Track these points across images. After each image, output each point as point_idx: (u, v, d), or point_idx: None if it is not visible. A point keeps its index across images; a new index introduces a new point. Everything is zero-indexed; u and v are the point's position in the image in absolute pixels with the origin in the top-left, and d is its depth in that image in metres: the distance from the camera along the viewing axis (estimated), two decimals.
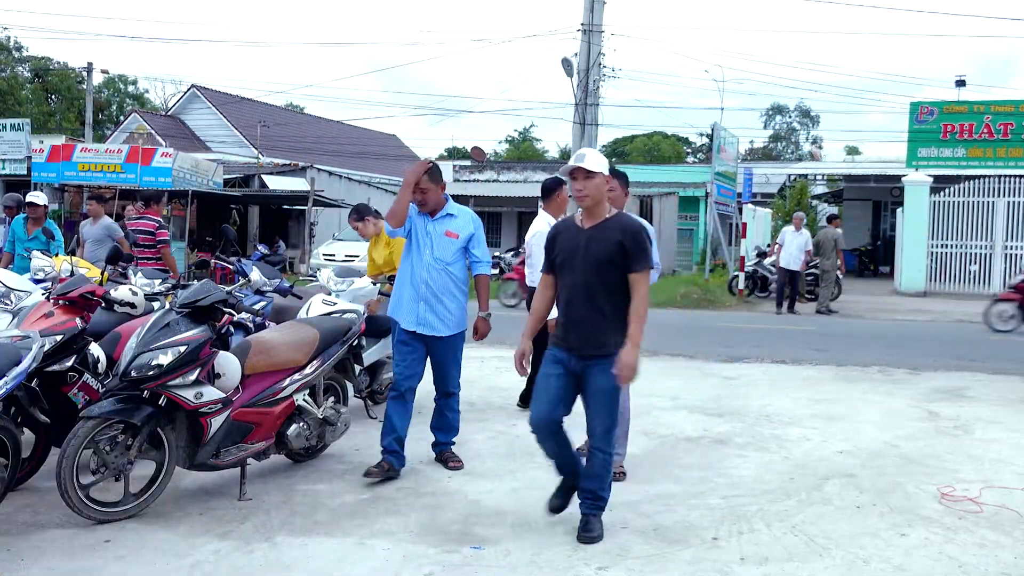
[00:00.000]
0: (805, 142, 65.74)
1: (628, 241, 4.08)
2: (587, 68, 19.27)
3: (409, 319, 5.18)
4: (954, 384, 8.57)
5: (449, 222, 5.25)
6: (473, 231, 5.31)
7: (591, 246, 4.12)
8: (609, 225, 4.17)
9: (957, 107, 23.08)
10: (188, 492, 4.83)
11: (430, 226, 5.18)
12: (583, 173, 4.12)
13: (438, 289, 5.15)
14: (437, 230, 5.19)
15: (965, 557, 4.04)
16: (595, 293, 4.10)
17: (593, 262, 4.10)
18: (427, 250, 5.15)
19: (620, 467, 5.04)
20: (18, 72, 47.31)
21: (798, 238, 15.33)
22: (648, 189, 27.91)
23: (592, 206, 4.18)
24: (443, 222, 5.23)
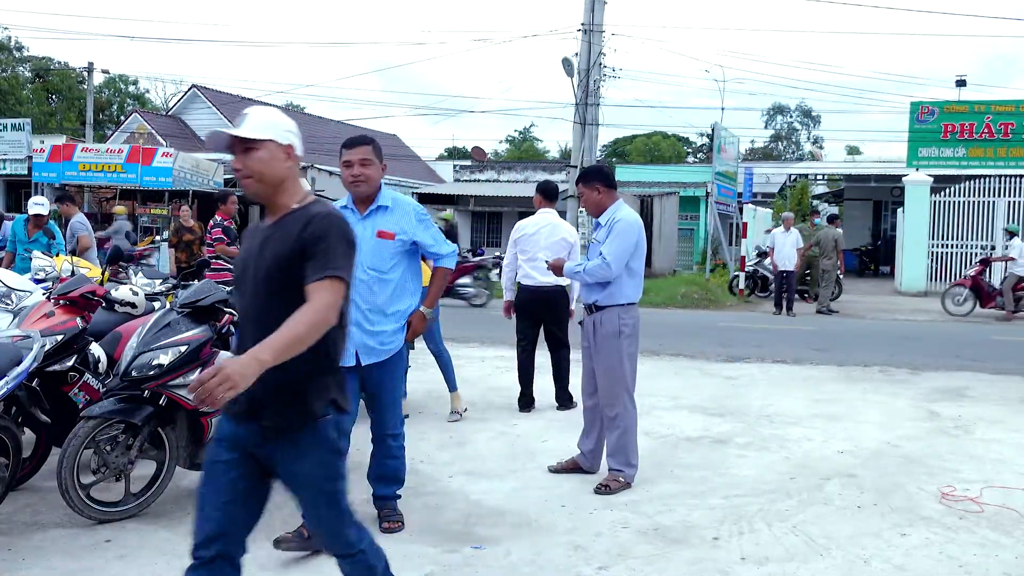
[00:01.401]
0: (806, 142, 65.73)
1: (309, 237, 2.63)
2: (587, 68, 19.27)
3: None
4: (955, 384, 8.56)
5: (381, 218, 4.16)
6: (418, 227, 4.25)
7: (265, 251, 2.70)
8: (295, 219, 2.70)
9: (958, 107, 23.07)
10: (189, 492, 4.82)
11: (358, 227, 3.89)
12: (240, 145, 2.70)
13: (373, 307, 4.12)
14: (367, 231, 4.07)
15: (966, 557, 4.04)
16: (270, 325, 2.50)
17: (263, 276, 2.67)
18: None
19: (620, 480, 5.01)
20: (19, 72, 47.31)
21: (789, 238, 15.30)
22: (648, 189, 27.91)
23: (265, 192, 2.73)
24: (373, 219, 4.15)
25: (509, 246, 7.04)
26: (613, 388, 5.07)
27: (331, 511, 2.77)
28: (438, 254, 4.40)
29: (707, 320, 14.62)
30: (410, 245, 4.24)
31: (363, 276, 4.05)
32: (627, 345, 5.07)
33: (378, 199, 4.18)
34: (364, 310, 4.11)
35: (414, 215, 4.26)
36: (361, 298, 4.07)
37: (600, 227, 5.12)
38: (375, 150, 4.12)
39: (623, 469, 5.03)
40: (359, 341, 4.11)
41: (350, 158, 4.09)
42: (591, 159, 20.84)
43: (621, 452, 5.05)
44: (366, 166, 4.09)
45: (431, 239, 4.31)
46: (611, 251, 4.93)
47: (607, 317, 5.04)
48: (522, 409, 7.03)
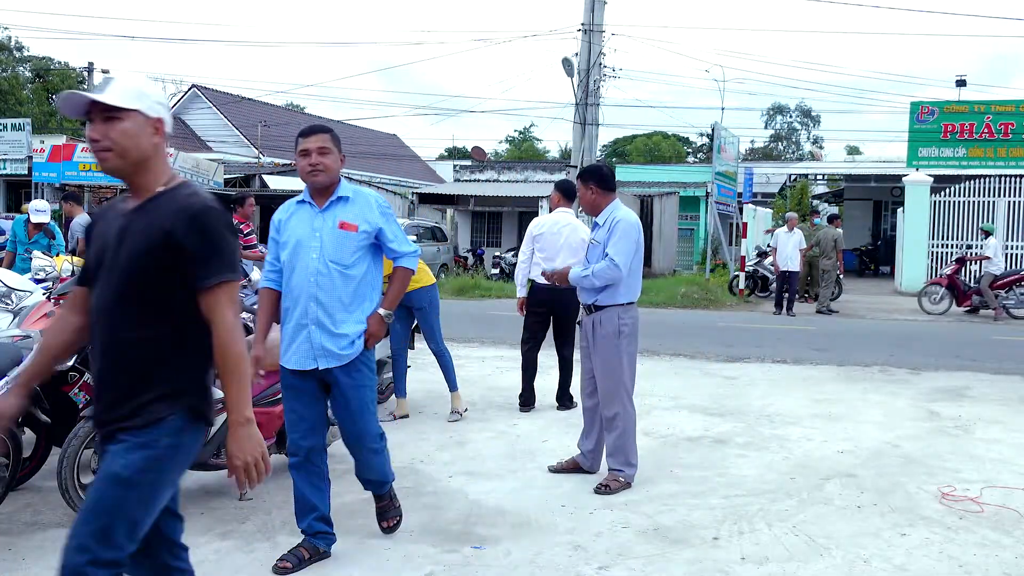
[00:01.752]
0: (806, 142, 65.75)
1: (187, 231, 2.35)
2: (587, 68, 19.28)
3: (296, 355, 3.81)
4: (955, 384, 8.56)
5: (342, 209, 3.86)
6: (381, 219, 3.92)
7: (124, 244, 2.40)
8: (161, 205, 2.41)
9: (958, 107, 23.07)
10: (189, 492, 4.83)
11: (317, 220, 3.83)
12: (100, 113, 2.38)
13: (334, 304, 3.79)
14: (327, 223, 3.82)
15: (966, 557, 4.04)
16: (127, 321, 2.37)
17: (124, 267, 2.39)
18: (314, 252, 3.78)
19: (620, 480, 5.01)
20: (19, 72, 47.28)
21: (792, 238, 15.29)
22: (648, 189, 27.91)
23: (125, 170, 2.43)
24: (334, 211, 3.85)
25: (526, 243, 7.00)
26: (612, 388, 5.06)
27: (108, 509, 2.34)
28: (398, 252, 3.98)
29: (707, 320, 14.62)
30: (374, 239, 3.91)
31: (323, 270, 3.76)
32: (626, 345, 5.06)
33: (337, 190, 3.88)
34: (327, 308, 3.78)
35: (376, 206, 3.92)
36: (324, 294, 3.77)
37: (599, 227, 5.12)
38: (334, 139, 3.86)
39: (623, 469, 5.03)
40: (318, 343, 3.77)
41: (307, 147, 3.80)
42: (591, 159, 20.83)
43: (620, 452, 5.05)
44: (324, 155, 3.80)
45: (395, 234, 3.97)
46: (617, 252, 4.92)
47: (606, 317, 5.04)
48: (523, 408, 7.04)
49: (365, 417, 3.90)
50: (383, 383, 7.07)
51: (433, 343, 6.75)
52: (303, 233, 3.82)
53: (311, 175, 3.80)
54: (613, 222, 5.03)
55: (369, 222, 3.87)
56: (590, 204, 5.16)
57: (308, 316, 3.78)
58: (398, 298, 4.07)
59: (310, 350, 3.78)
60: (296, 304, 3.81)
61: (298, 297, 3.80)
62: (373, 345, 3.92)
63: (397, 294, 4.06)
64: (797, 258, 15.24)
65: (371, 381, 3.94)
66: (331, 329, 3.78)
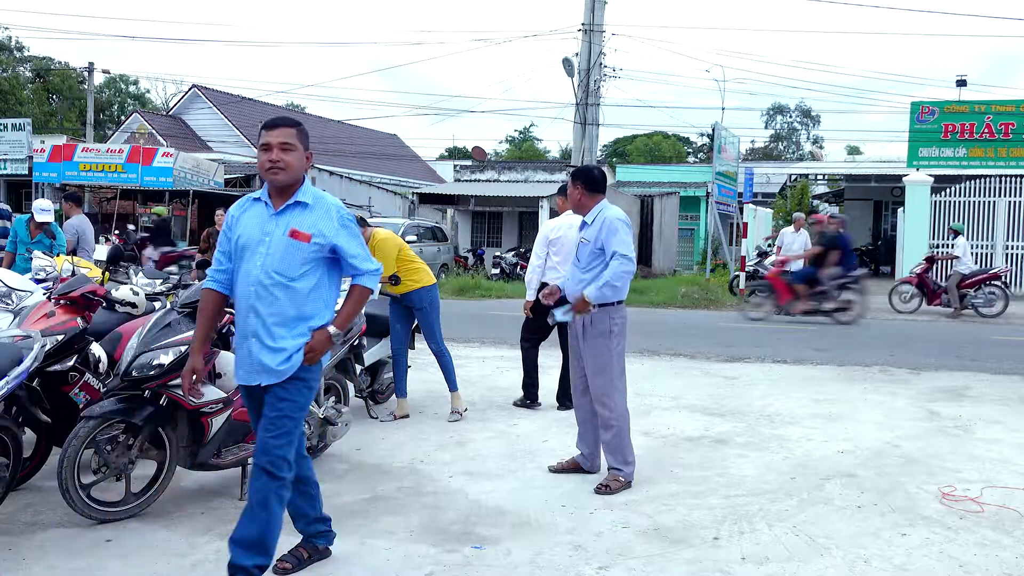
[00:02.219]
0: (806, 142, 65.76)
1: None
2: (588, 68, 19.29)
3: (243, 369, 3.57)
4: (955, 384, 8.56)
5: (298, 217, 3.53)
6: (339, 231, 3.57)
7: None
8: None
9: (958, 107, 23.07)
10: (189, 492, 4.83)
11: (270, 223, 3.52)
12: None
13: (276, 318, 3.47)
14: (278, 229, 3.50)
15: (966, 557, 4.04)
16: None
17: None
18: (259, 259, 3.48)
19: (620, 479, 5.01)
20: (19, 72, 47.32)
21: (798, 238, 15.29)
22: (649, 189, 27.91)
23: None
24: (288, 217, 3.52)
25: (540, 246, 6.98)
26: (605, 387, 5.07)
27: None
28: (357, 269, 3.63)
29: (707, 320, 14.61)
30: (328, 252, 3.56)
31: (266, 281, 3.46)
32: (616, 343, 5.08)
33: (297, 194, 3.55)
34: (266, 321, 3.48)
35: (336, 217, 3.57)
36: (265, 307, 3.47)
37: (587, 226, 5.12)
38: (300, 134, 3.56)
39: (622, 468, 5.03)
40: (256, 358, 3.49)
41: (268, 140, 3.49)
42: (591, 159, 20.84)
43: (618, 451, 5.05)
44: (287, 151, 3.49)
45: (353, 249, 3.60)
46: (621, 245, 4.92)
47: (597, 317, 5.03)
48: (532, 405, 7.06)
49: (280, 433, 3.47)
50: (383, 383, 7.08)
51: (433, 343, 6.75)
52: (252, 236, 3.53)
53: (270, 172, 3.50)
54: (604, 220, 5.02)
55: (324, 234, 3.53)
56: (575, 203, 5.21)
57: (248, 328, 3.51)
58: (351, 319, 3.67)
59: (251, 365, 3.51)
60: (239, 314, 3.57)
61: (240, 307, 3.55)
62: (314, 362, 3.53)
63: (350, 314, 3.65)
64: (801, 259, 15.15)
65: (303, 399, 3.54)
66: (268, 344, 3.47)
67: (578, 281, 5.07)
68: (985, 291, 15.57)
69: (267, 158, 3.49)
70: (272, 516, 3.45)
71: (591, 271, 5.03)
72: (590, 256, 5.04)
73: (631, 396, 7.47)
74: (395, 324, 6.71)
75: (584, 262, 5.08)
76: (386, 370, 7.05)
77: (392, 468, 5.37)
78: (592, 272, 5.02)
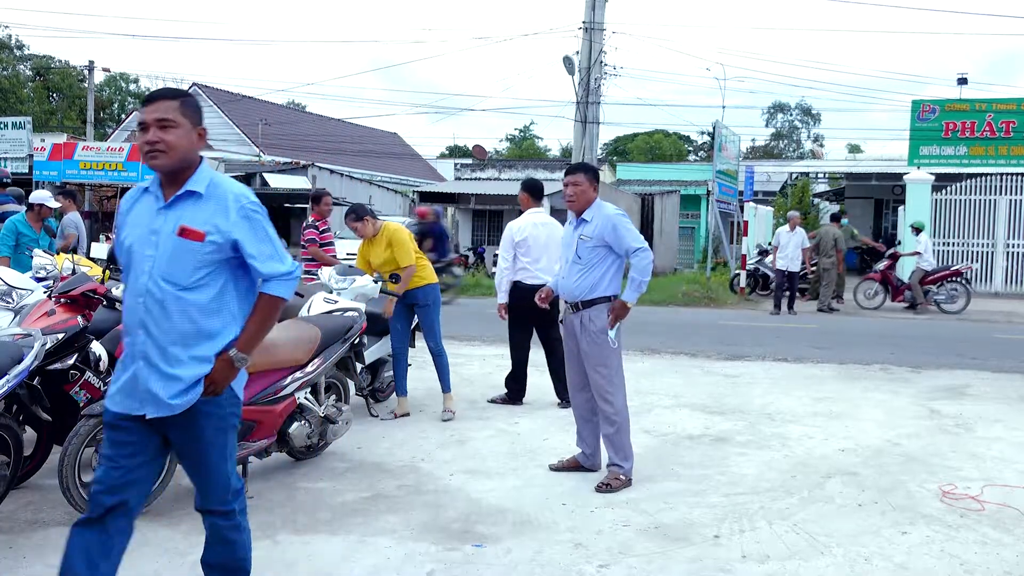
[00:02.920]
0: (807, 140, 65.73)
1: None
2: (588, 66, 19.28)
3: (121, 394, 2.91)
4: (956, 382, 8.56)
5: (190, 209, 2.88)
6: (240, 225, 2.89)
7: None
8: None
9: (959, 105, 23.04)
10: (190, 490, 4.80)
11: (158, 219, 2.88)
12: None
13: (167, 337, 2.84)
14: (167, 225, 2.86)
15: (967, 555, 4.04)
16: None
17: None
18: (147, 263, 2.85)
19: (621, 477, 5.02)
20: (20, 70, 47.31)
21: (794, 237, 15.20)
22: (649, 187, 27.90)
23: None
24: (179, 210, 2.88)
25: (506, 248, 7.01)
26: (606, 382, 5.08)
27: None
28: (263, 272, 2.92)
29: (708, 318, 14.62)
30: (230, 252, 2.89)
31: (154, 290, 2.83)
32: (618, 335, 5.10)
33: (189, 181, 2.88)
34: (158, 342, 2.85)
35: (236, 208, 2.88)
36: (155, 323, 2.84)
37: (586, 223, 5.10)
38: (184, 107, 2.88)
39: (623, 465, 5.04)
40: (144, 385, 2.86)
41: (144, 119, 2.85)
42: (592, 157, 20.83)
43: (620, 447, 5.06)
44: (166, 128, 2.83)
45: (260, 248, 2.90)
46: (636, 240, 4.99)
47: (595, 313, 5.05)
48: (517, 402, 7.11)
49: (218, 476, 2.99)
50: (384, 381, 7.08)
51: (432, 341, 6.75)
52: (139, 235, 2.90)
53: (148, 157, 2.86)
54: (607, 217, 5.04)
55: (220, 230, 2.85)
56: (581, 198, 5.13)
57: (136, 348, 2.88)
58: (256, 338, 2.99)
59: (135, 392, 2.87)
60: (126, 332, 2.93)
61: (128, 323, 2.91)
62: (217, 394, 2.90)
63: (255, 333, 2.98)
64: (798, 258, 15.14)
65: (221, 430, 2.97)
66: (162, 369, 2.85)
67: (577, 278, 5.08)
68: (947, 287, 15.97)
69: (144, 139, 2.85)
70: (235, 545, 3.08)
71: (594, 268, 5.05)
72: (592, 253, 5.05)
73: (632, 394, 7.47)
74: (395, 323, 6.70)
75: (586, 259, 5.07)
76: (386, 368, 7.05)
77: (393, 466, 5.37)
78: (595, 269, 5.04)
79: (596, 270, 5.05)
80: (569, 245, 5.20)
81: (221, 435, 2.97)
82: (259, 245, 2.91)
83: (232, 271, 2.94)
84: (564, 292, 5.19)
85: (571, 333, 5.20)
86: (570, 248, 5.19)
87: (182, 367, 2.85)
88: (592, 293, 5.06)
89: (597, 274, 5.06)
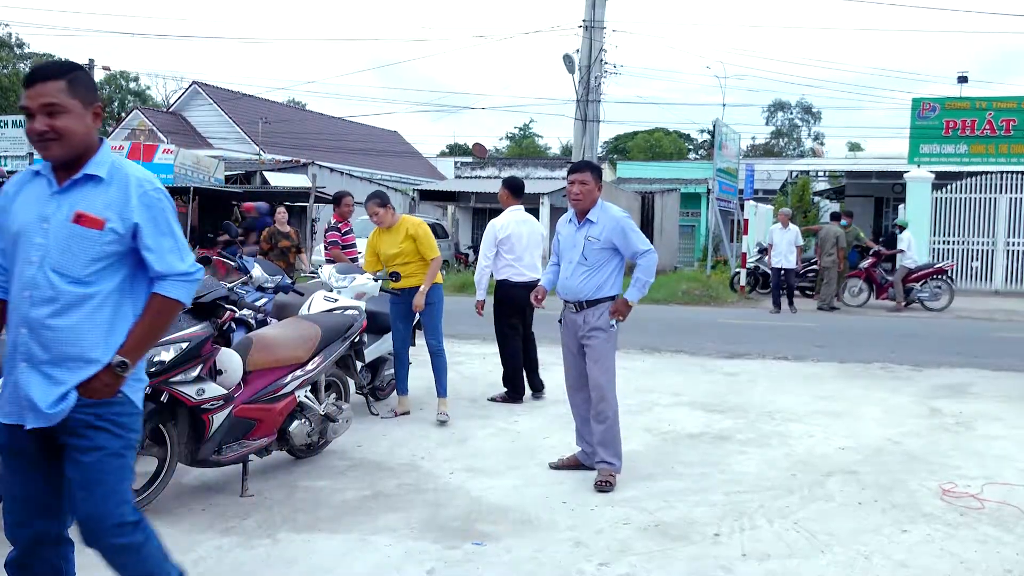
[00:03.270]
0: (807, 138, 65.73)
1: None
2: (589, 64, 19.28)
3: (4, 401, 2.62)
4: (956, 381, 8.56)
5: (88, 194, 2.60)
6: (139, 211, 2.61)
7: None
8: None
9: (959, 103, 23.03)
10: (190, 488, 4.83)
11: (51, 205, 2.60)
12: None
13: (53, 337, 2.55)
14: (60, 211, 2.59)
15: (967, 554, 4.04)
16: None
17: None
18: (35, 254, 2.56)
19: (615, 474, 5.02)
20: (20, 69, 47.31)
21: (787, 235, 15.10)
22: (650, 186, 27.91)
23: None
24: (75, 195, 2.60)
25: (488, 245, 7.06)
26: (606, 381, 5.10)
27: None
28: (159, 270, 2.64)
29: (708, 317, 14.62)
30: (130, 243, 2.61)
31: (43, 283, 2.54)
32: (613, 336, 5.14)
33: (89, 164, 2.60)
34: (44, 342, 2.55)
35: (139, 194, 2.61)
36: (40, 320, 2.54)
37: (592, 224, 5.11)
38: (73, 87, 2.57)
39: (614, 461, 5.03)
40: (24, 390, 2.56)
41: (28, 104, 2.57)
42: (592, 155, 20.82)
43: (612, 443, 5.06)
44: (55, 116, 2.54)
45: (159, 240, 2.63)
46: (643, 243, 5.10)
47: (598, 312, 5.09)
48: (517, 400, 7.15)
49: (101, 494, 2.59)
50: (384, 379, 7.08)
51: (434, 339, 6.73)
52: (27, 221, 2.59)
53: (40, 148, 2.58)
54: (616, 221, 5.10)
55: (123, 217, 2.59)
56: (588, 197, 5.13)
57: (18, 349, 2.58)
58: (145, 343, 2.66)
59: (17, 397, 2.58)
60: (9, 329, 2.63)
61: (12, 320, 2.61)
62: (98, 397, 2.57)
63: (145, 336, 2.65)
64: (791, 255, 15.03)
65: (117, 443, 2.62)
66: (46, 371, 2.55)
67: (582, 278, 5.11)
68: (931, 285, 16.10)
69: (30, 128, 2.58)
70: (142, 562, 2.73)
71: (600, 269, 5.10)
72: (599, 254, 5.09)
73: (632, 392, 7.49)
74: (396, 322, 6.69)
75: (592, 260, 5.10)
76: (387, 367, 7.05)
77: (393, 465, 5.37)
78: (601, 270, 5.09)
79: (602, 271, 5.09)
80: (575, 246, 5.14)
81: (120, 438, 2.63)
82: (159, 238, 2.62)
83: (133, 267, 2.65)
84: (567, 292, 5.19)
85: (572, 332, 5.20)
86: (575, 249, 5.12)
87: (67, 371, 2.55)
88: (597, 294, 5.10)
89: (603, 275, 5.10)
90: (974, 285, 19.58)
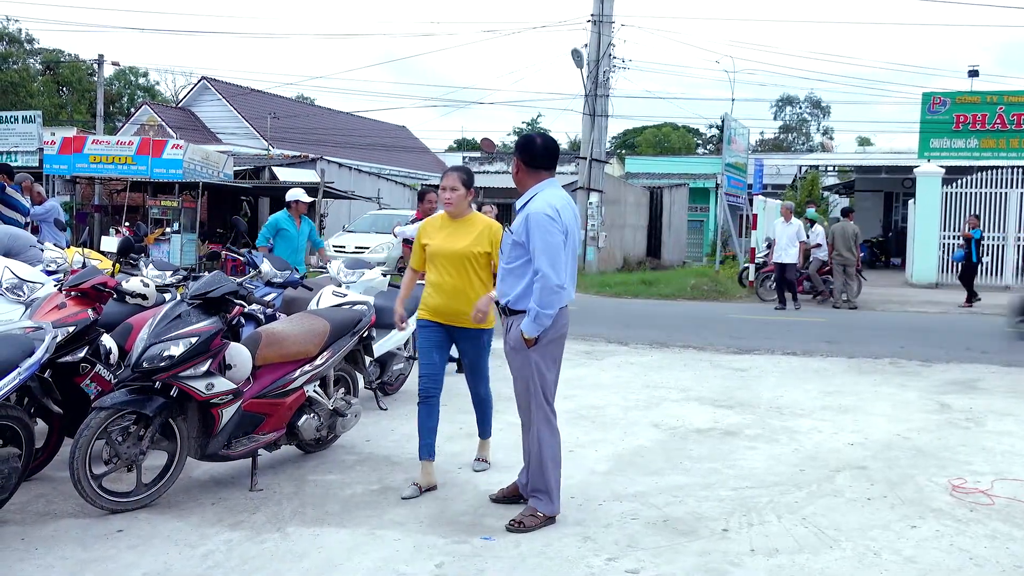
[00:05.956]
0: (816, 133, 65.44)
1: None
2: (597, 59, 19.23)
3: None
4: (966, 376, 8.53)
5: None
6: None
7: None
8: None
9: (969, 98, 22.89)
10: (200, 482, 4.86)
11: None
12: None
13: None
14: None
15: (976, 549, 4.03)
16: None
17: None
18: None
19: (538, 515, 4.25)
20: (29, 64, 47.42)
21: (788, 229, 14.97)
22: (658, 180, 27.87)
23: None
24: None
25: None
26: (524, 401, 4.42)
27: None
28: None
29: (717, 312, 14.59)
30: None
31: None
32: (542, 352, 4.25)
33: None
34: None
35: None
36: None
37: (518, 212, 4.30)
38: None
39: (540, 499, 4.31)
40: None
41: None
42: (600, 150, 20.79)
43: (539, 479, 4.32)
44: None
45: None
46: (542, 259, 4.06)
47: (518, 324, 4.25)
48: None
49: None
50: (393, 375, 7.08)
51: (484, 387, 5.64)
52: None
53: None
54: (526, 214, 4.17)
55: None
56: (515, 180, 4.40)
57: None
58: None
59: None
60: None
61: None
62: None
63: None
64: (792, 250, 14.92)
65: None
66: None
67: (503, 275, 4.37)
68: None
69: None
70: None
71: (518, 273, 4.26)
72: (513, 250, 4.26)
73: (640, 387, 7.49)
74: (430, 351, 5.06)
75: (508, 255, 4.31)
76: (395, 362, 7.05)
77: (401, 459, 5.38)
78: (522, 276, 4.23)
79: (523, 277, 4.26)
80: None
81: None
82: None
83: None
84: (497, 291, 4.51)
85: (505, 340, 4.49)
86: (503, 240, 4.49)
87: None
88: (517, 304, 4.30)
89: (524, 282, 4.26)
90: (985, 280, 19.45)
